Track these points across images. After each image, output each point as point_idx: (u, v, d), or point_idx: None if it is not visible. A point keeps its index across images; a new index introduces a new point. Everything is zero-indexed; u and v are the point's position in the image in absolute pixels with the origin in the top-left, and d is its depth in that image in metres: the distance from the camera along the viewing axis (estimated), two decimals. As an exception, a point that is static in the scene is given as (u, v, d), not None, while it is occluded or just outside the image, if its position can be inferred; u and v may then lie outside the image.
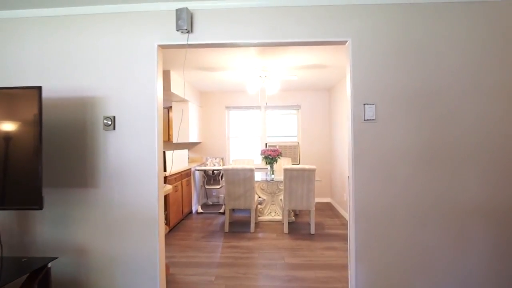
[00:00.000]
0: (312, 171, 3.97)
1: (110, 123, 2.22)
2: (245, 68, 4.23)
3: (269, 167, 4.86)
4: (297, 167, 3.99)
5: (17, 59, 2.27)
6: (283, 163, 5.53)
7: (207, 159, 5.80)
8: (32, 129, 1.87)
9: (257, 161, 5.96)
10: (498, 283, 2.11)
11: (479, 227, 2.12)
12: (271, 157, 4.71)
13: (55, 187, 2.25)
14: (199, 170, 5.40)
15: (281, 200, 4.75)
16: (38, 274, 1.83)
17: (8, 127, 1.89)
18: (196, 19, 2.20)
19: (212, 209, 5.60)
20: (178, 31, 2.17)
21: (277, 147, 6.13)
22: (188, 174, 5.15)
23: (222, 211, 5.35)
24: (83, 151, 2.24)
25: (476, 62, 2.12)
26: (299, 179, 4.02)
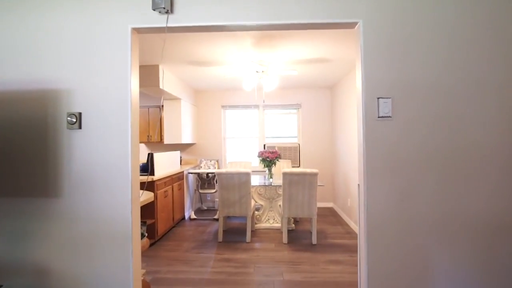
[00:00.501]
0: (314, 175, 3.62)
1: (75, 120, 1.87)
2: (240, 62, 3.88)
3: (267, 170, 4.50)
4: (297, 170, 3.64)
5: (-34, 44, 1.92)
6: (282, 166, 5.18)
7: (201, 161, 5.44)
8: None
9: (255, 163, 5.59)
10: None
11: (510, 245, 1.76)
12: (269, 160, 4.36)
13: (10, 197, 1.89)
14: (192, 173, 5.05)
15: (280, 206, 4.39)
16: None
17: None
18: (177, -4, 1.85)
19: (206, 215, 5.24)
20: (155, 10, 1.82)
21: (276, 149, 5.78)
22: (180, 177, 4.80)
23: (216, 217, 4.99)
24: (42, 154, 1.89)
25: (512, 47, 1.76)
26: (300, 184, 3.66)
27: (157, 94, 4.48)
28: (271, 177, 4.47)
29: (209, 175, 5.22)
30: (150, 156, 3.85)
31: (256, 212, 4.45)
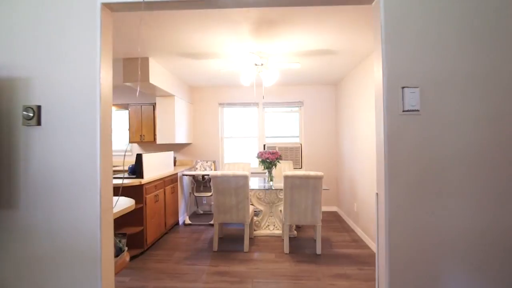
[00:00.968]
0: (318, 178, 3.28)
1: (32, 115, 1.53)
2: (237, 53, 3.54)
3: (267, 172, 4.17)
4: (300, 173, 3.30)
5: None
6: (283, 168, 4.84)
7: (196, 163, 5.11)
8: None
9: (254, 164, 5.26)
10: None
11: None
12: (269, 161, 4.02)
13: (-47, 208, 1.56)
14: (187, 175, 4.71)
15: (280, 211, 4.06)
16: None
17: None
18: (155, -37, 1.52)
19: (202, 219, 4.90)
20: (128, -20, 1.49)
21: (276, 149, 5.44)
22: (173, 179, 4.46)
23: (213, 222, 4.64)
24: (-7, 156, 1.56)
25: None
26: (303, 188, 3.33)
27: (148, 90, 4.14)
28: (271, 180, 4.13)
29: (205, 177, 4.89)
30: (138, 157, 3.52)
31: (255, 218, 4.12)
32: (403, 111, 1.44)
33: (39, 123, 1.55)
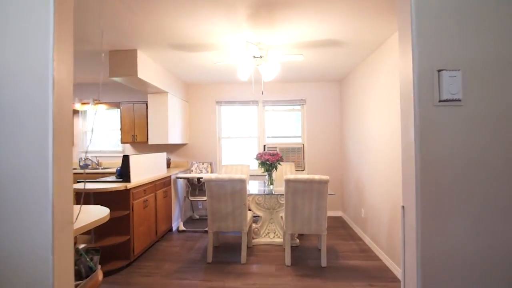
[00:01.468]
0: (323, 183, 2.95)
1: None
2: (233, 44, 3.22)
3: (266, 175, 3.84)
4: (303, 177, 2.97)
5: None
6: (284, 170, 4.51)
7: (192, 165, 4.79)
8: None
9: (254, 166, 4.93)
10: None
11: None
12: (269, 163, 3.70)
13: None
14: (181, 178, 4.39)
15: (281, 217, 3.73)
16: None
17: None
18: None
19: (197, 226, 4.58)
20: None
21: (277, 150, 5.11)
22: (166, 183, 4.14)
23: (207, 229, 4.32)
24: None
25: None
26: (306, 193, 3.00)
27: (138, 85, 3.82)
28: (271, 184, 3.80)
29: (201, 180, 4.57)
30: (125, 159, 3.20)
31: (253, 225, 3.79)
32: (440, 101, 1.12)
33: (-24, 118, 1.22)
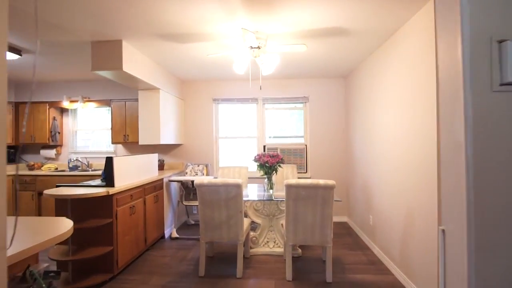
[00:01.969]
0: (329, 188, 2.62)
1: None
2: (228, 33, 2.91)
3: (266, 179, 3.52)
4: (306, 182, 2.64)
5: None
6: (285, 173, 4.19)
7: (186, 167, 4.47)
8: None
9: (253, 168, 4.61)
10: None
11: None
12: (268, 165, 3.37)
13: None
14: (173, 181, 4.08)
15: (282, 225, 3.41)
16: None
17: None
18: None
19: (192, 232, 4.26)
20: None
21: (278, 151, 4.79)
22: (158, 186, 3.83)
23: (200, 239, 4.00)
24: None
25: None
26: (310, 200, 2.67)
27: (126, 81, 3.51)
28: (271, 188, 3.48)
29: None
30: (108, 161, 2.89)
31: (251, 233, 3.47)
32: (502, 84, 0.79)
33: None
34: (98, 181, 3.23)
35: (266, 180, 3.51)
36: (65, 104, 4.76)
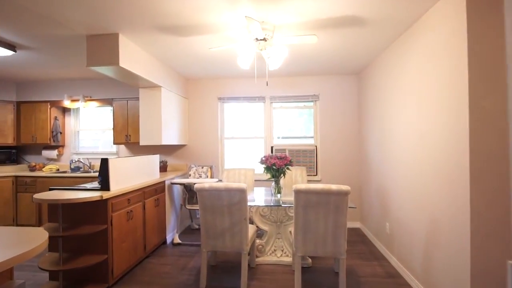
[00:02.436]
0: (342, 194, 2.36)
1: None
2: (232, 25, 2.68)
3: (273, 183, 3.27)
4: (317, 187, 2.39)
5: None
6: (294, 175, 3.94)
7: (190, 168, 4.26)
8: None
9: (260, 170, 4.37)
10: None
11: None
12: (276, 168, 3.13)
13: None
14: (175, 183, 3.87)
15: (290, 232, 3.16)
16: None
17: None
18: None
19: (195, 238, 4.05)
20: None
21: (287, 153, 4.54)
22: (159, 189, 3.63)
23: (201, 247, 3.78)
24: None
25: None
26: (321, 207, 2.41)
27: (125, 78, 3.32)
28: (278, 192, 3.23)
29: (199, 186, 4.03)
30: (103, 163, 2.69)
31: (257, 240, 3.22)
32: None
33: None
34: (96, 184, 3.05)
35: (273, 183, 3.27)
36: (66, 103, 4.62)
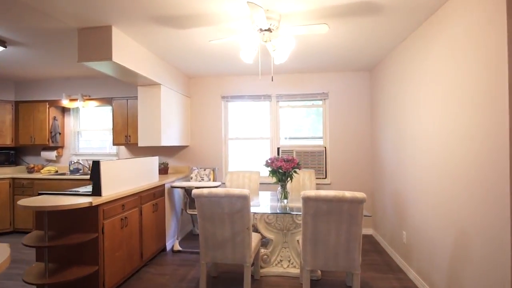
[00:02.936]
0: (357, 202, 2.09)
1: None
2: (234, 13, 2.44)
3: (279, 187, 3.02)
4: (328, 194, 2.13)
5: None
6: (302, 178, 3.68)
7: (192, 171, 4.04)
8: None
9: (266, 172, 4.12)
10: None
11: None
12: (282, 171, 2.88)
13: None
14: (176, 187, 3.65)
15: (298, 241, 2.90)
16: None
17: None
18: None
19: (197, 244, 3.82)
20: None
21: (294, 155, 4.29)
22: (158, 193, 3.42)
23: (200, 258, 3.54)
24: None
25: None
26: (333, 216, 2.15)
27: (121, 75, 3.12)
28: (285, 198, 2.98)
29: (201, 189, 3.81)
30: (94, 166, 2.48)
31: (262, 250, 2.98)
32: None
33: None
34: (90, 188, 2.85)
35: (279, 188, 3.02)
36: (65, 102, 4.45)
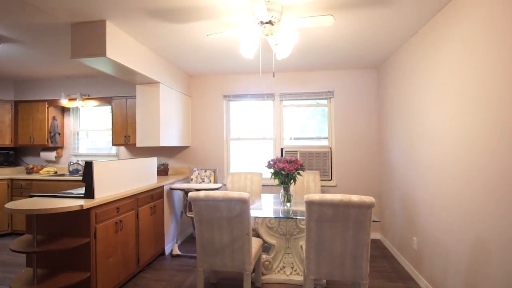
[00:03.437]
0: (365, 207, 1.94)
1: None
2: (234, 5, 2.31)
3: (282, 190, 2.88)
4: (334, 198, 1.97)
5: None
6: (306, 180, 3.53)
7: (192, 172, 3.92)
8: None
9: (268, 174, 3.98)
10: None
11: None
12: (285, 173, 2.73)
13: None
14: (175, 189, 3.53)
15: (302, 247, 2.75)
16: None
17: None
18: None
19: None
20: None
21: (298, 156, 4.13)
22: (156, 195, 3.29)
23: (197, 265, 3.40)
24: None
25: None
26: (339, 221, 2.00)
27: (118, 72, 3.00)
28: (288, 201, 2.83)
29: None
30: (87, 166, 2.36)
31: (263, 256, 2.83)
32: None
33: None
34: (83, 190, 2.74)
35: (282, 191, 2.87)
36: (63, 102, 4.37)
